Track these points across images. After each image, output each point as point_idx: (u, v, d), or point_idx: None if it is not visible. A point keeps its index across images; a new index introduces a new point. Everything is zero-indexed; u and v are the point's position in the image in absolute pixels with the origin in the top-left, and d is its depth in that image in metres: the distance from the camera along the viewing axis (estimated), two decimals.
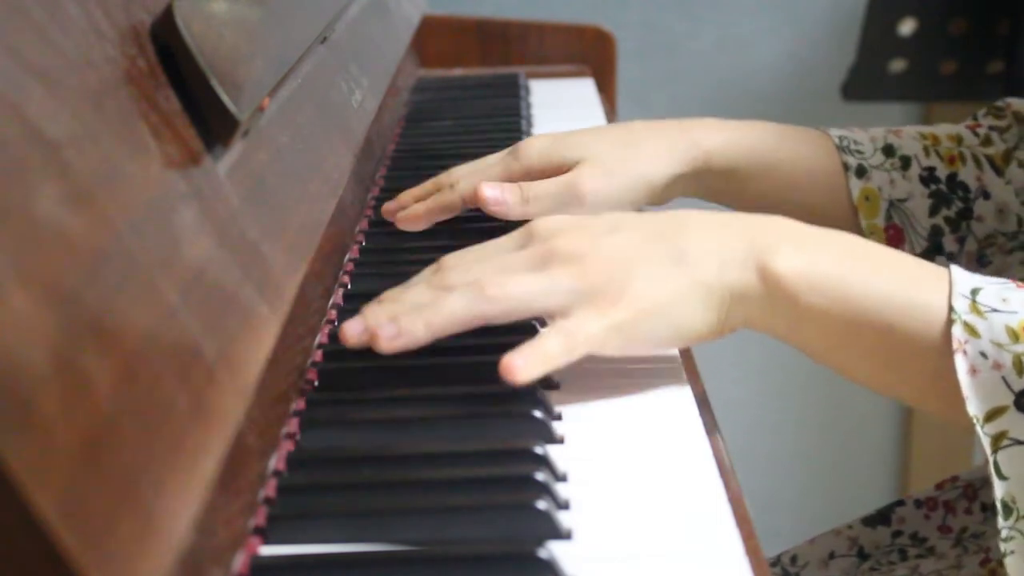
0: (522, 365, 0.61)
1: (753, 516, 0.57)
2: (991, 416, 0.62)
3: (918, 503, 0.88)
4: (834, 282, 0.65)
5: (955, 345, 0.62)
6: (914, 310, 0.64)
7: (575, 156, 0.86)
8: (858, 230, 0.91)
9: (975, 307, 0.63)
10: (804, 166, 0.91)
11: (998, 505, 0.63)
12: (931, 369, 0.64)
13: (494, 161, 0.89)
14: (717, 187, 0.90)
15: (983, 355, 0.62)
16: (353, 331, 0.64)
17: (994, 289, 0.64)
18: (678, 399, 0.67)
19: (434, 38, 1.47)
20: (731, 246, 0.66)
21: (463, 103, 1.29)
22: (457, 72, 1.45)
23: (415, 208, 0.87)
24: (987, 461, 0.62)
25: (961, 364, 0.62)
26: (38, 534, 0.37)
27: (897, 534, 0.88)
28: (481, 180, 0.86)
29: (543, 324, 0.68)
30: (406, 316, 0.64)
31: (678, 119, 0.90)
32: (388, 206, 0.91)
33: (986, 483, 0.87)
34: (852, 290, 0.64)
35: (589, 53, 1.45)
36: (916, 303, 0.64)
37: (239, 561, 0.53)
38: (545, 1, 1.83)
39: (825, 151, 0.91)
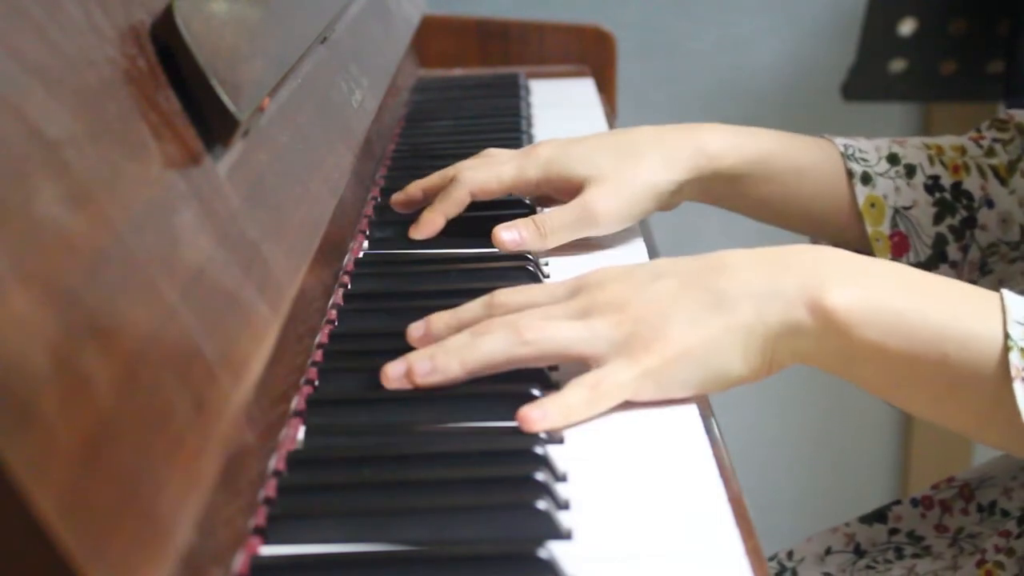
0: (539, 417, 0.62)
1: (753, 516, 0.57)
2: None
3: (914, 501, 0.88)
4: (889, 315, 0.63)
5: (1014, 373, 0.61)
6: (970, 340, 0.63)
7: (583, 173, 0.86)
8: (862, 237, 0.92)
9: None
10: (809, 172, 0.91)
11: None
12: (989, 399, 0.63)
13: (506, 160, 0.89)
14: (722, 192, 0.91)
15: None
16: (395, 373, 0.65)
17: None
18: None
19: (434, 38, 1.47)
20: (777, 283, 0.65)
21: (463, 103, 1.29)
22: (457, 72, 1.45)
23: (428, 215, 0.88)
24: None
25: (1021, 392, 0.61)
26: (38, 534, 0.37)
27: (893, 532, 0.88)
28: (489, 175, 0.87)
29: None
30: (443, 354, 0.65)
31: (682, 125, 0.90)
32: (396, 197, 0.92)
33: (982, 483, 0.87)
34: (907, 322, 0.63)
35: (589, 53, 1.45)
36: (972, 333, 0.63)
37: (239, 561, 0.53)
38: (545, 1, 1.83)
39: (830, 158, 0.91)
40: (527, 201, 0.90)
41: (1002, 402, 0.62)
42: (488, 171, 0.88)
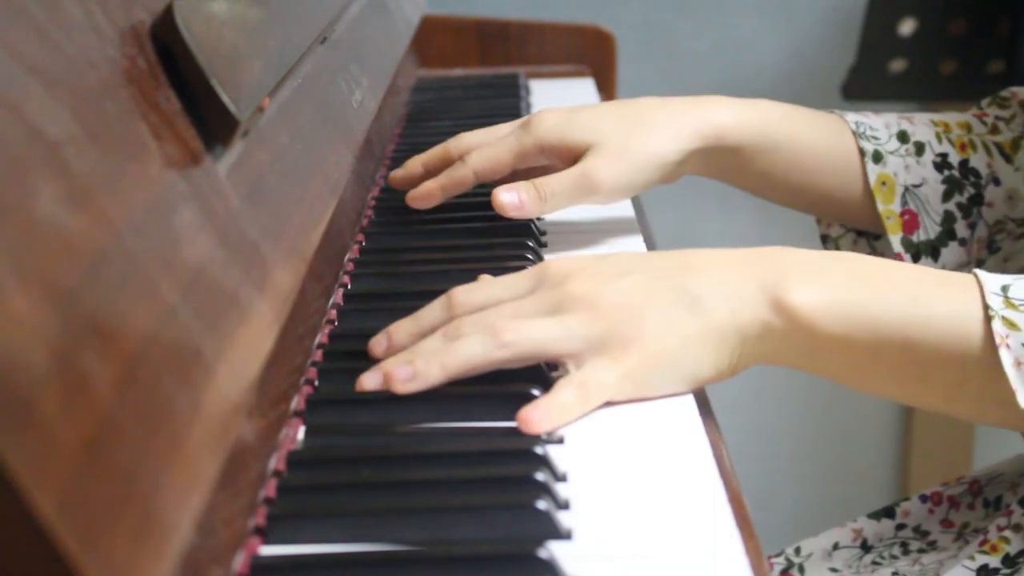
0: (539, 418, 0.62)
1: (753, 516, 0.57)
2: None
3: (923, 498, 0.89)
4: (851, 307, 0.65)
5: (998, 340, 0.63)
6: (933, 320, 0.64)
7: (586, 139, 0.85)
8: (872, 214, 0.92)
9: (1009, 302, 0.64)
10: (813, 147, 0.91)
11: None
12: (956, 376, 0.65)
13: (505, 132, 0.88)
14: (725, 165, 0.90)
15: None
16: (372, 383, 0.65)
17: (1022, 283, 0.65)
18: (678, 399, 0.67)
19: (434, 38, 1.47)
20: (741, 286, 0.65)
21: (463, 103, 1.29)
22: (457, 72, 1.45)
23: (428, 186, 0.87)
24: None
25: (1006, 358, 0.63)
26: (38, 534, 0.37)
27: (901, 527, 0.88)
28: (493, 153, 0.86)
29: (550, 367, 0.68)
30: (421, 359, 0.64)
31: (687, 97, 0.90)
32: (395, 174, 0.91)
33: (991, 480, 0.87)
34: (870, 312, 0.64)
35: (589, 53, 1.45)
36: (936, 314, 0.64)
37: (239, 561, 0.53)
38: (545, 1, 1.83)
39: (839, 133, 0.92)
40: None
41: (969, 378, 0.64)
42: (491, 150, 0.87)
